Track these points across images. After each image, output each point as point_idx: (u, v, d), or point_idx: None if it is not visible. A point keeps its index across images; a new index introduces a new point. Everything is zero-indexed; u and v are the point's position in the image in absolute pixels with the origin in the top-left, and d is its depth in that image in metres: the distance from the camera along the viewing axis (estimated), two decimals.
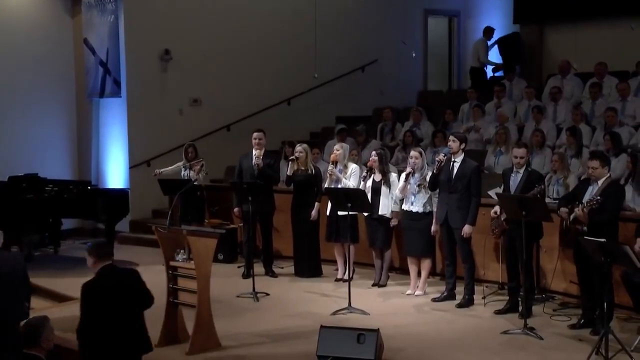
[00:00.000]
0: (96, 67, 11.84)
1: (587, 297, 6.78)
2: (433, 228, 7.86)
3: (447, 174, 7.52)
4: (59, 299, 8.18)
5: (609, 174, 6.67)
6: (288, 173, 8.84)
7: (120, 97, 11.64)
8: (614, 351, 5.89)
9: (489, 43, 13.71)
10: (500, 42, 13.80)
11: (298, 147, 8.91)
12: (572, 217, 6.67)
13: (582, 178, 7.69)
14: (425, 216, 7.88)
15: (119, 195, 10.40)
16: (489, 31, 13.67)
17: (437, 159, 7.68)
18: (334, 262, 8.94)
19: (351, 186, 8.26)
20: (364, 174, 8.31)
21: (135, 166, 11.68)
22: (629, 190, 7.71)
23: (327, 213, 8.58)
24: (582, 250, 6.35)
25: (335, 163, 8.51)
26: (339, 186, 8.35)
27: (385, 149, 9.72)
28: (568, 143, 9.20)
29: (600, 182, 6.58)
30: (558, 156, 8.45)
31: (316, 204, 8.77)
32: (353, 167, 8.61)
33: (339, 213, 8.15)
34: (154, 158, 11.63)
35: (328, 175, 8.47)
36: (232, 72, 12.42)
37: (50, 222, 10.44)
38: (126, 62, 11.53)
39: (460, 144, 7.52)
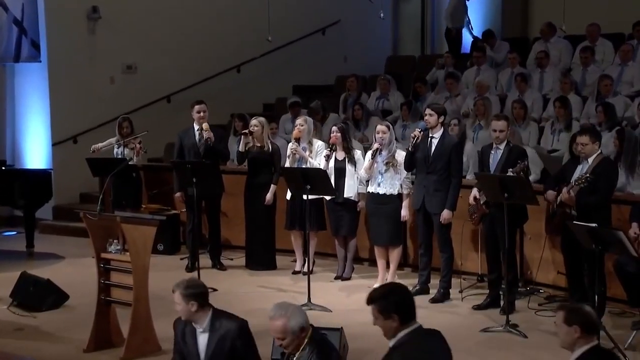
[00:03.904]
0: (9, 26, 11.58)
1: (576, 290, 6.91)
2: (403, 212, 7.92)
3: (425, 152, 7.56)
4: None
5: (599, 151, 6.78)
6: (240, 149, 8.80)
7: (40, 62, 11.43)
8: None
9: (467, 2, 13.77)
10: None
11: (253, 121, 8.86)
12: (558, 199, 6.77)
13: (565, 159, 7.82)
14: (394, 199, 7.92)
15: (40, 176, 10.26)
16: None
17: (411, 134, 7.72)
18: (291, 252, 8.97)
19: (317, 166, 8.25)
20: (327, 152, 8.32)
21: (58, 143, 11.52)
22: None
23: (288, 197, 8.58)
24: (570, 237, 6.46)
25: (298, 140, 8.49)
26: (303, 167, 8.33)
27: (349, 122, 9.77)
28: (557, 115, 9.33)
29: (590, 160, 6.69)
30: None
31: (272, 186, 8.75)
32: (319, 144, 8.61)
33: (308, 197, 8.03)
34: (81, 134, 11.49)
35: (291, 154, 8.44)
36: (173, 34, 12.29)
37: None
38: (46, 20, 11.32)
39: (439, 117, 7.56)
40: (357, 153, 8.30)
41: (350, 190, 8.23)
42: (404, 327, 3.94)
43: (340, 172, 8.25)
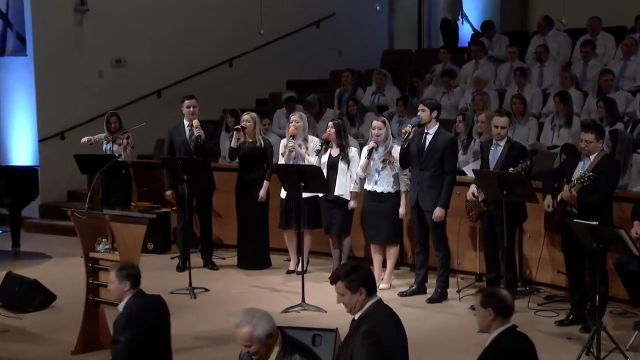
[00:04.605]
0: None
1: (576, 290, 6.93)
2: (401, 210, 7.92)
3: (418, 148, 7.58)
4: None
5: (602, 148, 6.80)
6: (232, 145, 8.80)
7: (26, 55, 11.39)
8: (606, 350, 6.04)
9: None
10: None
11: (245, 116, 8.87)
12: (559, 197, 6.78)
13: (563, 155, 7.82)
14: (391, 197, 7.93)
15: (26, 174, 10.24)
16: None
17: (403, 130, 7.73)
18: (285, 251, 8.97)
19: (313, 163, 8.26)
20: (318, 147, 8.33)
21: (45, 139, 11.49)
22: None
23: (283, 196, 8.58)
24: (571, 235, 6.47)
25: (293, 137, 8.48)
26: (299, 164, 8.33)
27: (344, 118, 9.77)
28: (557, 110, 9.34)
29: (592, 158, 6.69)
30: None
31: (265, 182, 8.76)
32: (315, 140, 8.62)
33: (305, 195, 8.04)
34: (68, 129, 11.46)
35: (287, 151, 8.43)
36: (163, 26, 12.27)
37: None
38: (32, 13, 11.28)
39: (431, 112, 7.57)
40: (352, 150, 8.30)
41: (341, 188, 8.23)
42: (369, 299, 4.33)
43: (332, 169, 8.25)
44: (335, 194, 8.23)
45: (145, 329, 5.13)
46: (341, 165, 8.24)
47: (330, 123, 8.38)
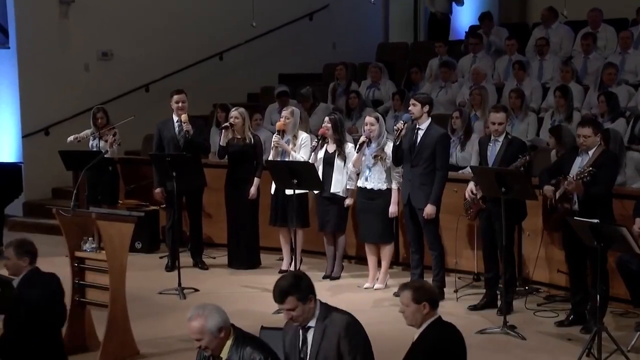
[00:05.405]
0: None
1: (578, 290, 6.94)
2: (391, 208, 7.93)
3: (410, 144, 7.58)
4: None
5: (600, 142, 6.82)
6: (221, 143, 8.80)
7: (9, 48, 11.38)
8: (608, 352, 6.05)
9: None
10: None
11: (233, 112, 8.87)
12: (559, 193, 6.78)
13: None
14: (383, 194, 7.94)
15: (9, 170, 10.22)
16: None
17: (395, 127, 7.74)
18: (277, 249, 8.97)
19: (300, 159, 8.26)
20: (314, 143, 8.33)
21: (29, 135, 11.47)
22: None
23: (272, 192, 8.59)
24: (572, 233, 6.49)
25: (282, 132, 8.49)
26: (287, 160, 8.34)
27: (338, 113, 9.78)
28: (557, 105, 9.35)
29: (591, 153, 6.71)
30: None
31: (256, 179, 8.77)
32: (304, 136, 8.62)
33: (287, 192, 8.10)
34: (53, 125, 11.44)
35: (273, 146, 8.45)
36: (152, 18, 12.26)
37: None
38: (15, 3, 11.26)
39: (423, 107, 7.57)
40: (349, 146, 8.30)
41: (337, 184, 8.23)
42: (316, 304, 4.51)
43: (329, 165, 8.25)
44: (332, 191, 8.23)
45: (39, 306, 5.22)
46: (337, 162, 8.24)
47: (327, 118, 8.37)
